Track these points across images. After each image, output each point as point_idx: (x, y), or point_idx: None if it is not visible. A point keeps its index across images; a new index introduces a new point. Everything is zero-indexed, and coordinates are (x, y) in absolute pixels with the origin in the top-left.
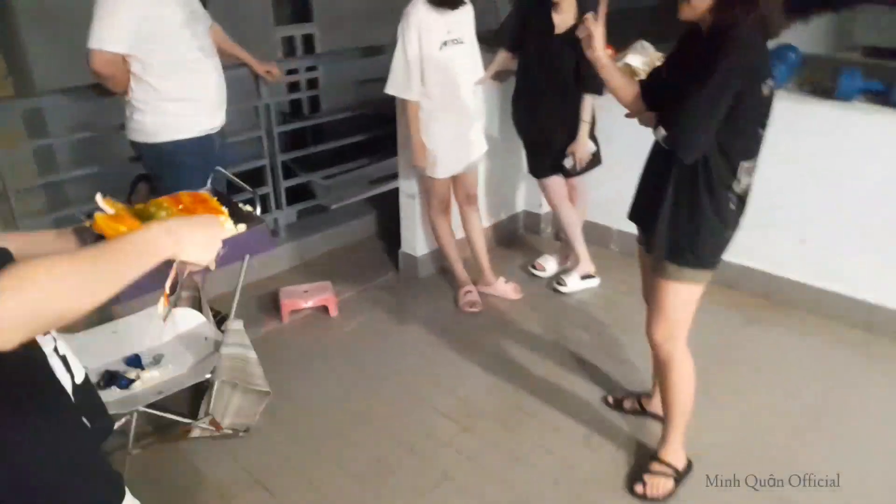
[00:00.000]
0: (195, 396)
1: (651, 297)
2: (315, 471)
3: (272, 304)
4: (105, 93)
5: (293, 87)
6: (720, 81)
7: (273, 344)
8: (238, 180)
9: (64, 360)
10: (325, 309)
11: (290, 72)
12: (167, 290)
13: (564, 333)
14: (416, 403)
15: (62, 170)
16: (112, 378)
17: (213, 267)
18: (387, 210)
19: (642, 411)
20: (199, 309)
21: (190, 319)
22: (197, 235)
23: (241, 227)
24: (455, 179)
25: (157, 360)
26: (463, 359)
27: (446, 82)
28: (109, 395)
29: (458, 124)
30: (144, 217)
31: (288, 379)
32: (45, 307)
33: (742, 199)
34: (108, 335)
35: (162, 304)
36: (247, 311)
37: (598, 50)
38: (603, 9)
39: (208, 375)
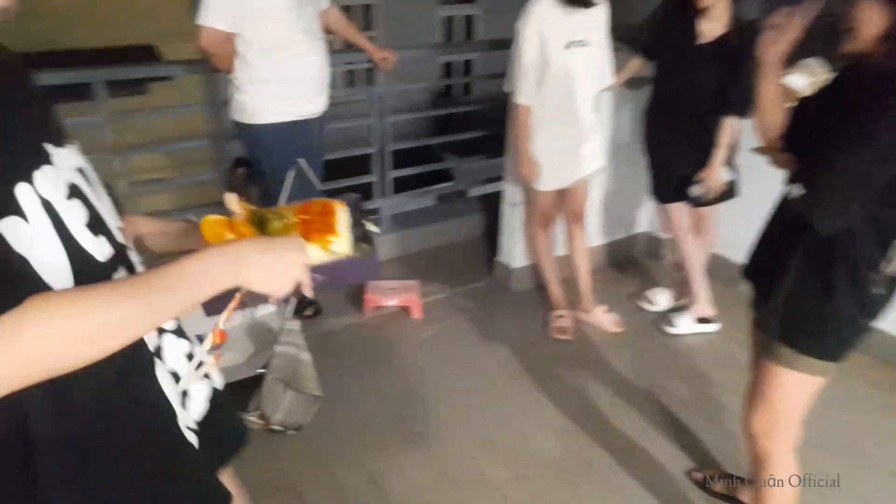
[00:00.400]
0: (252, 387)
1: (756, 377)
2: (350, 487)
3: (360, 296)
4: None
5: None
6: (883, 142)
7: (348, 339)
8: (314, 176)
9: (184, 394)
10: (408, 309)
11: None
12: (220, 325)
13: (661, 383)
14: (474, 434)
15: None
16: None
17: (307, 292)
18: (497, 211)
19: (734, 501)
20: None
21: (263, 306)
22: (267, 263)
23: (334, 255)
24: (562, 193)
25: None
26: (537, 391)
27: (563, 88)
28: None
29: (570, 135)
30: (259, 224)
31: (349, 378)
32: (52, 356)
33: (892, 283)
34: None
35: (209, 341)
36: (335, 299)
37: (775, 53)
38: (812, 9)
39: (261, 370)
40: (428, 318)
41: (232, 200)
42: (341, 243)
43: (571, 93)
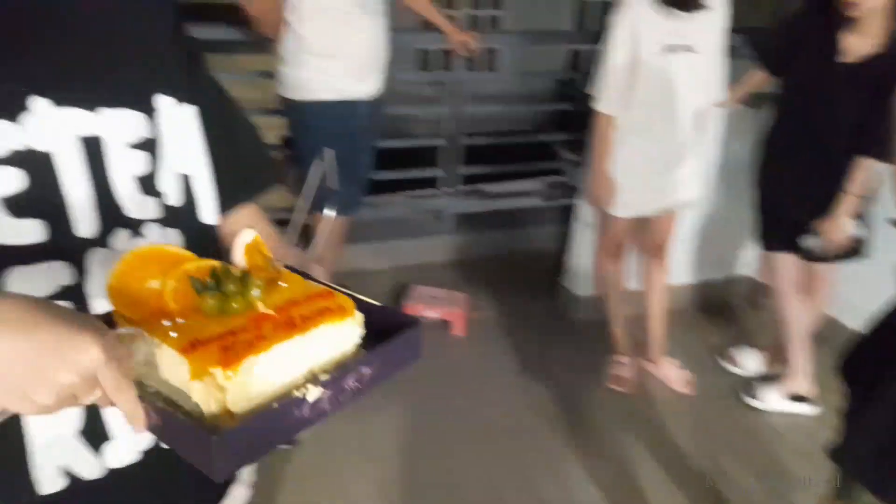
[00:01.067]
0: None
1: None
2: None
3: (402, 296)
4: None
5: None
6: None
7: None
8: (334, 172)
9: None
10: (449, 323)
11: None
12: None
13: (725, 467)
14: (482, 481)
15: None
16: None
17: (134, 426)
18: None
19: None
20: None
21: None
22: (9, 349)
23: (194, 394)
24: (642, 222)
25: None
26: (572, 448)
27: (656, 100)
28: None
29: (659, 155)
30: (191, 288)
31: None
32: None
33: None
34: None
35: None
36: (378, 294)
37: None
38: None
39: None
40: (471, 338)
41: (244, 241)
42: (201, 387)
43: (667, 105)
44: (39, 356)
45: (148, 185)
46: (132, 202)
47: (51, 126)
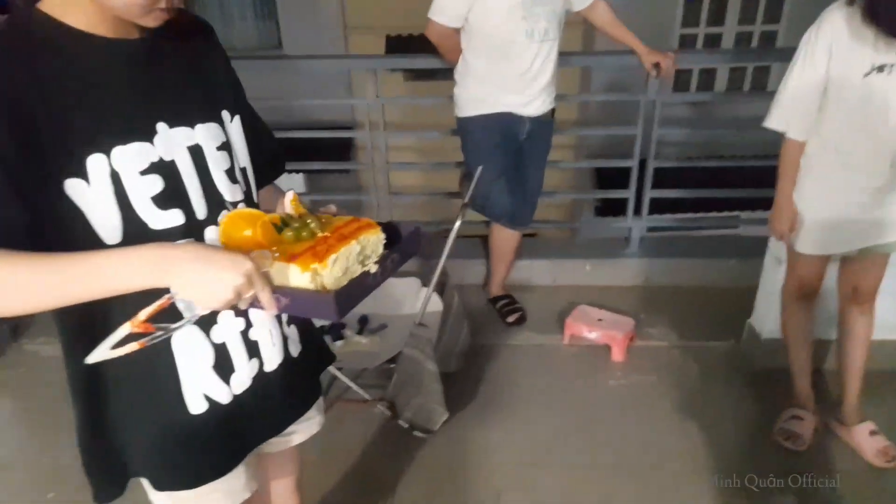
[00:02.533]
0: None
1: None
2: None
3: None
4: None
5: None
6: None
7: (529, 359)
8: (472, 186)
9: (252, 345)
10: (609, 347)
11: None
12: (141, 318)
13: None
14: None
15: None
16: (335, 326)
17: (270, 309)
18: None
19: None
20: (442, 294)
21: (433, 303)
22: (197, 273)
23: (306, 281)
24: (845, 262)
25: (377, 329)
26: None
27: (858, 125)
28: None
29: (859, 188)
30: (271, 231)
31: (496, 409)
32: None
33: None
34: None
35: (123, 328)
36: (548, 311)
37: None
38: None
39: (391, 365)
40: (629, 365)
41: (289, 199)
42: (314, 272)
43: (871, 133)
44: (221, 269)
45: (232, 176)
46: (226, 189)
47: (170, 142)
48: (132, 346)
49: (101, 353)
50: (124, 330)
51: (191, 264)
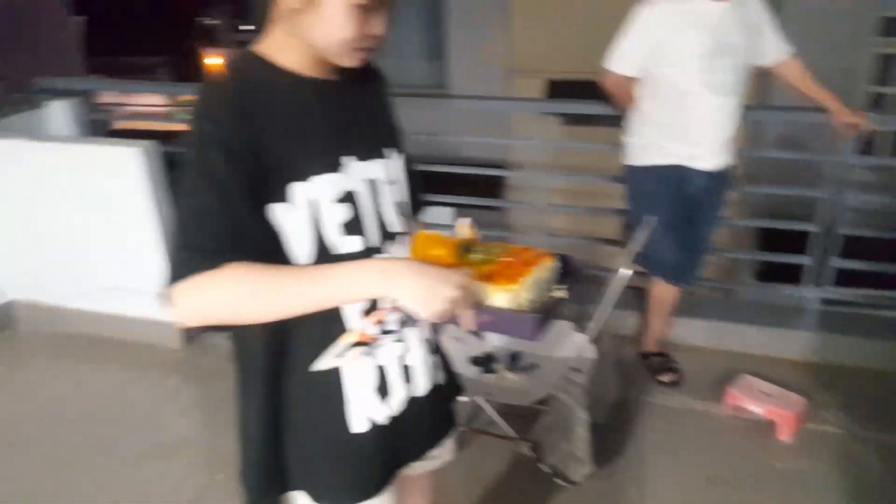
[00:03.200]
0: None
1: None
2: None
3: (727, 382)
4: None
5: None
6: None
7: (691, 425)
8: (644, 236)
9: (406, 369)
10: (776, 425)
11: None
12: (363, 329)
13: None
14: None
15: None
16: (487, 360)
17: (468, 326)
18: None
19: None
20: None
21: (587, 349)
22: (417, 285)
23: (505, 301)
24: None
25: (528, 368)
26: None
27: None
28: (470, 371)
29: None
30: (463, 252)
31: (645, 471)
32: (232, 306)
33: None
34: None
35: (349, 338)
36: (705, 376)
37: None
38: None
39: (540, 407)
40: (798, 447)
41: (463, 225)
42: (513, 293)
43: None
44: (440, 282)
45: (398, 208)
46: (394, 220)
47: (355, 174)
48: (354, 355)
49: (328, 360)
50: (350, 339)
51: (413, 276)
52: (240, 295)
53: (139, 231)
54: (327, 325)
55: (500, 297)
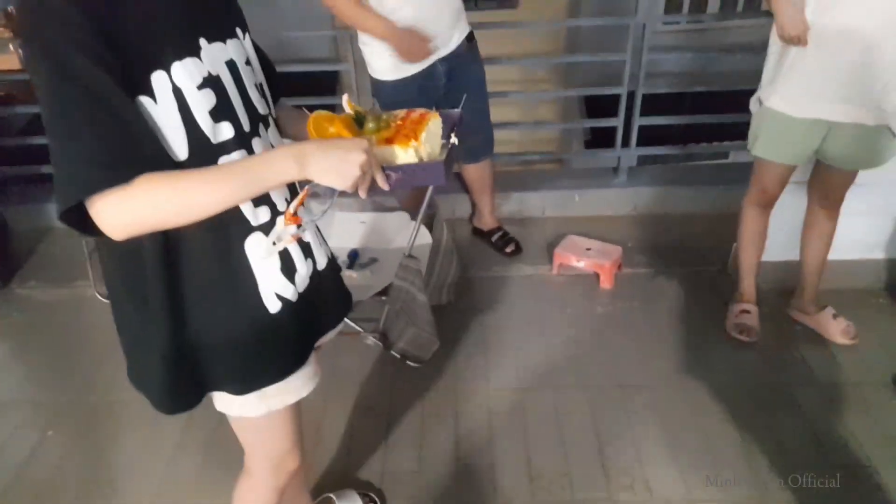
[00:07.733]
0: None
1: None
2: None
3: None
4: None
5: None
6: None
7: (525, 289)
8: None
9: (306, 247)
10: (598, 276)
11: None
12: (290, 210)
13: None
14: (584, 436)
15: None
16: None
17: (383, 186)
18: None
19: None
20: (430, 228)
21: (423, 236)
22: (328, 160)
23: (411, 158)
24: (812, 171)
25: (367, 263)
26: (682, 411)
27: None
28: None
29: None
30: (358, 123)
31: (487, 338)
32: (158, 216)
33: None
34: (356, 224)
35: (280, 223)
36: (538, 242)
37: None
38: None
39: (382, 298)
40: (616, 292)
41: (345, 100)
42: (415, 148)
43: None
44: (347, 151)
45: (260, 90)
46: (258, 103)
47: (212, 57)
48: (288, 239)
49: (267, 249)
50: (280, 226)
51: (322, 153)
52: (164, 201)
53: None
54: (220, 226)
55: (405, 154)
